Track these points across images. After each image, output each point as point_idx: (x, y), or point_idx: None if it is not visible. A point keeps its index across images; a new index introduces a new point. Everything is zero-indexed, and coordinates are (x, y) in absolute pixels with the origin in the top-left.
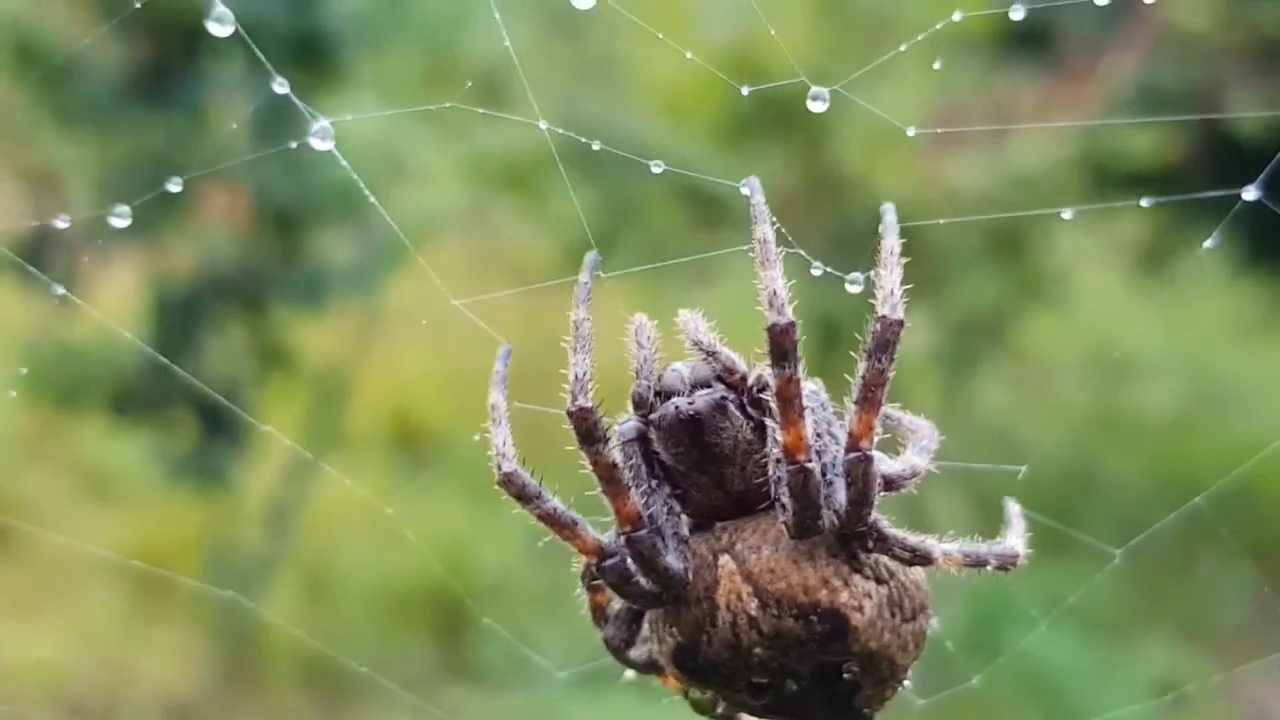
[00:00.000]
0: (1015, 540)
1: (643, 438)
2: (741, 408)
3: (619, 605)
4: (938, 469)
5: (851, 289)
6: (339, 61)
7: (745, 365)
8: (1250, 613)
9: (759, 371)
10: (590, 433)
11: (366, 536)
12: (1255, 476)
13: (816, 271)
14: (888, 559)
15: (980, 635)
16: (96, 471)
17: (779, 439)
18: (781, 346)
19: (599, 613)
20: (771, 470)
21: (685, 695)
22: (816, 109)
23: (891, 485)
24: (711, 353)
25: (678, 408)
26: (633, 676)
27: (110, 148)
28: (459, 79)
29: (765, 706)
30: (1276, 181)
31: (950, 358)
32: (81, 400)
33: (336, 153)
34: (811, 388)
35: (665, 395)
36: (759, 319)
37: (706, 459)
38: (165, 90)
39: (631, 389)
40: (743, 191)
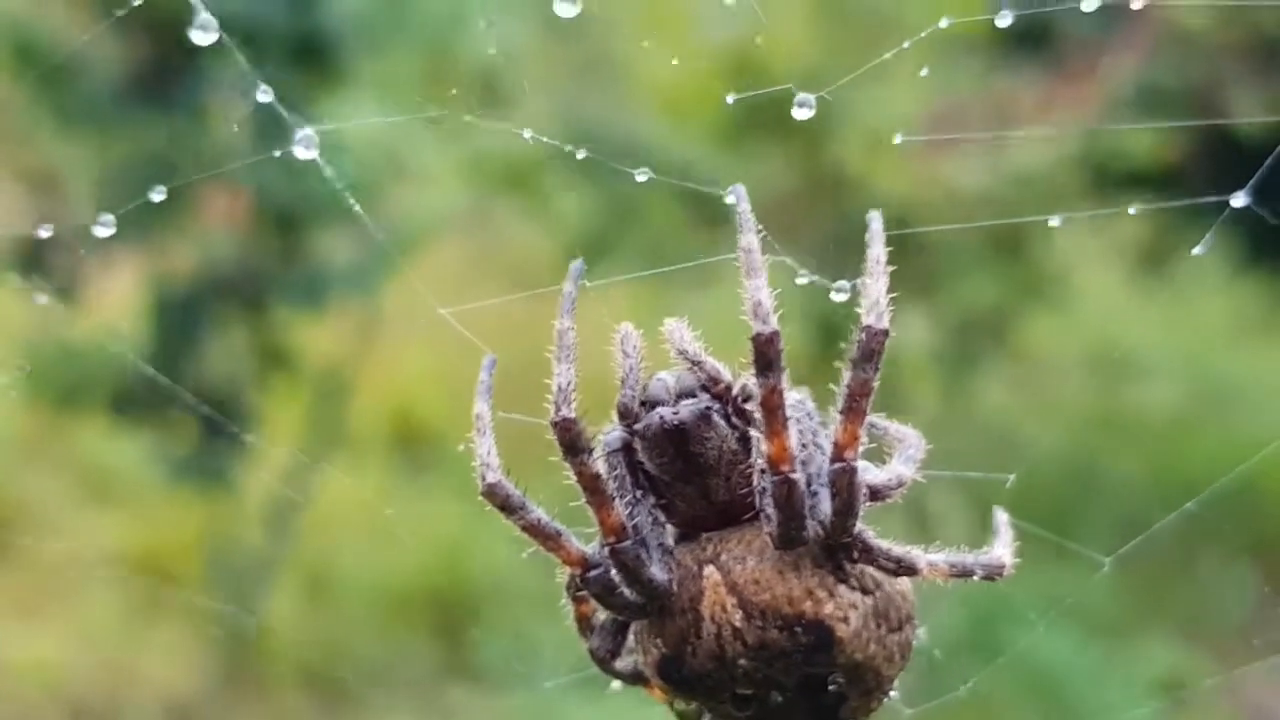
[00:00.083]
0: (1002, 550)
1: (628, 448)
2: (726, 418)
3: (604, 616)
4: (926, 478)
5: (837, 297)
6: (339, 62)
7: (730, 375)
8: (1250, 613)
9: (744, 381)
10: (574, 444)
11: (367, 537)
12: (1256, 475)
13: (802, 280)
14: (873, 569)
15: (979, 636)
16: (97, 472)
17: (763, 449)
18: (766, 356)
19: (584, 623)
20: (756, 481)
21: (671, 706)
22: (801, 116)
23: (877, 495)
24: (697, 362)
25: (662, 417)
26: (619, 687)
27: (110, 148)
28: (459, 79)
29: (750, 718)
30: (1267, 187)
31: (950, 358)
32: (82, 400)
33: (320, 161)
34: (797, 397)
35: (650, 405)
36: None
37: (691, 469)
38: (165, 90)
39: (617, 398)
40: (728, 200)
